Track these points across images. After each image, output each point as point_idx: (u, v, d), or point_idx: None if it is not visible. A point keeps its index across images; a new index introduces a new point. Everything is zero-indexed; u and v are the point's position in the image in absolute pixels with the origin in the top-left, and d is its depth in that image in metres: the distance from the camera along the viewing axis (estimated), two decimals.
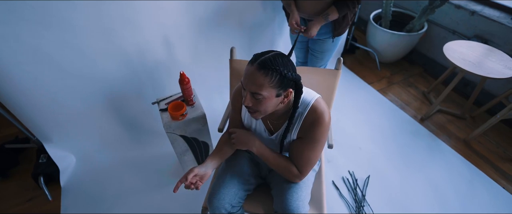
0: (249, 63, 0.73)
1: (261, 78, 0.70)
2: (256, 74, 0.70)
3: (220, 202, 0.93)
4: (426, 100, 2.11)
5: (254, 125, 0.95)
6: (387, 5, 2.16)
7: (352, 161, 1.67)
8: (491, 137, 1.82)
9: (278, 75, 0.70)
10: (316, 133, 0.82)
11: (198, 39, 1.50)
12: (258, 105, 0.76)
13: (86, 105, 1.44)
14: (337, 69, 1.18)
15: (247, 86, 0.73)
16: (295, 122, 0.86)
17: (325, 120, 0.82)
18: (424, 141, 1.80)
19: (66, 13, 1.11)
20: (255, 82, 0.71)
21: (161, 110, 1.24)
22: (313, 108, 0.83)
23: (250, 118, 0.94)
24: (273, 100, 0.75)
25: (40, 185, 1.45)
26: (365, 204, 1.46)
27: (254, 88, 0.72)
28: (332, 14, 1.21)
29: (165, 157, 1.64)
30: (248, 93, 0.75)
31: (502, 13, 1.86)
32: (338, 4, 1.20)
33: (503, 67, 1.60)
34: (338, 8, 1.20)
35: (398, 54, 2.34)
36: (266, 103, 0.75)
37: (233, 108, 0.97)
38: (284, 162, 0.90)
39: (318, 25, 1.24)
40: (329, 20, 1.23)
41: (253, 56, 0.74)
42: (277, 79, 0.70)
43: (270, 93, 0.72)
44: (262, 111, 0.77)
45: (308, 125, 0.83)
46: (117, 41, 1.30)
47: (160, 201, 1.46)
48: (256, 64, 0.70)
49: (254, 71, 0.70)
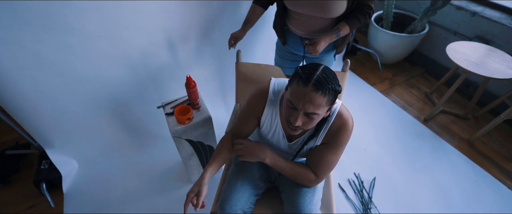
0: (302, 83, 0.68)
1: (320, 99, 0.67)
2: (314, 96, 0.67)
3: (233, 208, 0.92)
4: (428, 101, 2.12)
5: (273, 131, 0.91)
6: (389, 7, 2.17)
7: (357, 163, 1.66)
8: (495, 137, 1.83)
9: (334, 92, 0.69)
10: (341, 138, 0.82)
11: (202, 42, 1.49)
12: (308, 123, 0.73)
13: (88, 109, 1.42)
14: (344, 71, 1.18)
15: (303, 107, 0.69)
16: (322, 129, 0.84)
17: (349, 125, 0.82)
18: (428, 141, 1.80)
19: (69, 17, 1.10)
20: (314, 103, 0.68)
21: (167, 114, 1.23)
22: (339, 114, 0.83)
23: (271, 123, 0.90)
24: (322, 115, 0.73)
25: (42, 191, 1.43)
26: (372, 206, 1.46)
27: (312, 109, 0.69)
28: (344, 29, 1.07)
29: (169, 161, 1.62)
30: (300, 113, 0.71)
31: (503, 14, 1.88)
32: (348, 19, 1.06)
33: (505, 67, 1.61)
34: (349, 23, 1.06)
35: (399, 55, 2.35)
36: (317, 120, 0.73)
37: (250, 111, 0.91)
38: (299, 169, 0.88)
39: (327, 42, 1.07)
40: (340, 36, 1.09)
41: (302, 74, 0.68)
42: (332, 96, 0.69)
43: (323, 111, 0.71)
44: (310, 128, 0.75)
45: (334, 131, 0.83)
46: (120, 45, 1.28)
47: (165, 206, 1.44)
48: (313, 85, 0.67)
49: (311, 92, 0.67)
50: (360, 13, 1.06)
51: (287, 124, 0.77)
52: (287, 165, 0.87)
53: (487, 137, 1.83)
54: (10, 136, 1.76)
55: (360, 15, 1.06)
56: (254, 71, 1.24)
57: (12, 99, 1.21)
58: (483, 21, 1.89)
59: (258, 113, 0.90)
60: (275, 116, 0.88)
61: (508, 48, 1.81)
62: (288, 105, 0.74)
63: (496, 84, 1.94)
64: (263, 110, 0.89)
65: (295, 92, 0.70)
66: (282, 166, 0.87)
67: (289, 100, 0.72)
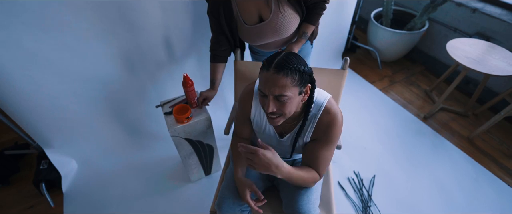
0: (265, 69, 0.72)
1: (283, 80, 0.70)
2: (276, 77, 0.70)
3: (231, 207, 0.92)
4: (428, 98, 2.11)
5: (263, 128, 0.93)
6: (388, 4, 2.15)
7: (357, 161, 1.66)
8: (495, 134, 1.83)
9: (297, 72, 0.71)
10: (332, 134, 0.83)
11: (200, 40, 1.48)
12: (282, 108, 0.74)
13: (87, 109, 1.42)
14: (344, 69, 1.17)
15: (270, 91, 0.72)
16: (309, 124, 0.85)
17: (339, 120, 0.82)
18: (428, 139, 1.80)
19: (66, 16, 1.09)
20: (278, 85, 0.70)
21: (165, 113, 1.22)
22: (327, 109, 0.83)
23: (261, 121, 0.92)
24: (296, 99, 0.75)
25: (42, 191, 1.42)
26: (371, 204, 1.46)
27: (278, 91, 0.71)
28: (308, 29, 1.09)
29: (168, 161, 1.62)
30: (271, 99, 0.73)
31: (504, 10, 1.87)
32: (309, 18, 1.08)
33: (506, 64, 1.60)
34: (311, 21, 1.08)
35: (399, 52, 2.34)
36: (290, 104, 0.74)
37: (242, 111, 0.95)
38: (307, 174, 0.83)
39: (299, 47, 1.11)
40: (308, 35, 1.11)
41: (265, 62, 0.74)
42: (297, 76, 0.71)
43: (293, 93, 0.73)
44: (287, 113, 0.76)
45: (324, 127, 0.83)
46: (118, 44, 1.28)
47: (164, 205, 1.44)
48: (274, 68, 0.70)
49: (273, 75, 0.70)
50: (317, 8, 1.07)
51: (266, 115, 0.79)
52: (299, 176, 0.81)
53: (487, 134, 1.82)
54: (8, 136, 1.76)
55: (317, 10, 1.07)
56: (252, 69, 1.24)
57: (10, 99, 1.21)
58: (483, 17, 1.88)
59: (248, 112, 0.92)
60: (263, 113, 0.90)
61: (508, 44, 1.80)
62: (260, 94, 0.76)
63: (497, 81, 1.94)
64: (251, 108, 0.91)
65: (261, 80, 0.74)
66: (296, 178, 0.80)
67: (259, 89, 0.76)
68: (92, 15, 1.13)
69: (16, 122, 1.32)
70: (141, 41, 1.33)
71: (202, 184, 1.53)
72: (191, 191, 1.50)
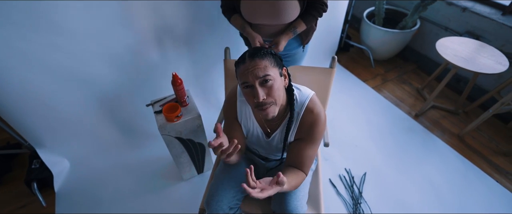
0: (241, 63, 0.76)
1: (262, 62, 0.73)
2: (255, 62, 0.73)
3: (219, 204, 0.93)
4: (420, 96, 2.13)
5: (251, 130, 0.93)
6: (380, 3, 2.17)
7: (348, 158, 1.68)
8: (484, 131, 1.85)
9: (270, 54, 0.76)
10: (316, 134, 0.84)
11: (191, 40, 1.49)
12: (271, 92, 0.74)
13: (78, 108, 1.42)
14: (332, 68, 1.19)
15: (254, 76, 0.72)
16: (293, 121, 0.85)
17: (322, 119, 0.83)
18: (419, 136, 1.82)
19: (55, 16, 1.09)
20: (259, 67, 0.73)
21: (155, 112, 1.23)
22: (309, 108, 0.84)
23: (247, 122, 0.91)
24: (279, 81, 0.77)
25: (34, 191, 1.43)
26: (362, 201, 1.47)
27: (261, 72, 0.72)
28: (300, 26, 1.12)
29: (161, 160, 1.62)
30: (257, 86, 0.73)
31: (493, 9, 1.89)
32: (304, 16, 1.11)
33: (494, 62, 1.63)
34: (305, 20, 1.11)
35: (391, 51, 2.36)
36: (277, 86, 0.75)
37: (230, 118, 0.93)
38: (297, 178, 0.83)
39: (286, 39, 1.13)
40: (297, 32, 1.14)
41: (239, 58, 0.78)
42: (272, 58, 0.76)
43: (275, 73, 0.75)
44: (276, 97, 0.76)
45: (307, 126, 0.84)
46: (108, 44, 1.28)
47: (156, 204, 1.45)
48: (248, 58, 0.74)
49: (250, 62, 0.73)
50: (313, 9, 1.11)
51: (257, 110, 0.77)
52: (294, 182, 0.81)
53: (477, 132, 1.85)
54: (1, 136, 1.76)
55: (313, 11, 1.11)
56: None
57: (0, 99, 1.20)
58: (473, 16, 1.90)
59: (235, 113, 0.92)
60: (249, 115, 0.90)
61: (497, 43, 1.83)
62: (244, 89, 0.77)
63: (486, 80, 1.96)
64: (237, 109, 0.91)
65: (241, 73, 0.76)
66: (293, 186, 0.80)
67: (242, 84, 0.76)
68: (81, 14, 1.14)
69: (7, 121, 1.32)
70: (133, 41, 1.33)
71: (194, 182, 1.54)
72: (183, 190, 1.51)
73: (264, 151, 1.01)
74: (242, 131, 0.93)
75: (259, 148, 1.00)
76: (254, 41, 1.12)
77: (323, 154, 1.69)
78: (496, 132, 1.85)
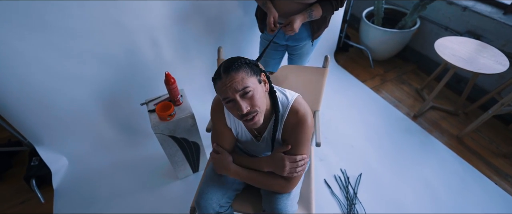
0: (217, 80, 0.74)
1: (237, 75, 0.72)
2: (231, 77, 0.71)
3: (208, 202, 0.93)
4: (419, 97, 2.11)
5: (241, 134, 0.93)
6: (379, 2, 2.15)
7: (344, 159, 1.67)
8: (484, 133, 1.82)
9: (244, 64, 0.74)
10: (300, 136, 0.82)
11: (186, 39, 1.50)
12: (253, 102, 0.74)
13: (76, 107, 1.45)
14: (325, 67, 1.18)
15: (233, 90, 0.71)
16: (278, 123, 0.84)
17: (307, 121, 0.82)
18: (416, 137, 1.80)
19: (50, 15, 1.11)
20: (236, 80, 0.71)
21: (149, 110, 1.24)
22: (294, 109, 0.83)
23: (236, 127, 0.91)
24: (259, 89, 0.75)
25: (32, 187, 1.46)
26: (356, 202, 1.47)
27: (239, 85, 0.71)
28: (316, 10, 1.14)
29: (157, 158, 1.64)
30: (238, 99, 0.72)
31: (494, 8, 1.86)
32: (322, 2, 1.14)
33: (494, 62, 1.60)
34: (322, 6, 1.14)
35: (391, 51, 2.34)
36: (258, 96, 0.74)
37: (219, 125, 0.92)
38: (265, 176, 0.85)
39: (301, 20, 1.13)
40: (313, 17, 1.16)
41: (215, 74, 0.76)
42: (247, 68, 0.74)
43: (253, 83, 0.74)
44: (259, 106, 0.75)
45: (291, 128, 0.83)
46: (104, 43, 1.30)
47: (152, 202, 1.46)
48: (223, 73, 0.72)
49: (227, 78, 0.72)
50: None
51: (243, 122, 0.78)
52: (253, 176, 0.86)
53: (476, 133, 1.82)
54: (2, 134, 1.80)
55: (333, 1, 1.13)
56: None
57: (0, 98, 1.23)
58: (474, 16, 1.88)
59: (223, 122, 0.91)
60: (237, 121, 0.90)
61: (498, 43, 1.80)
62: (227, 104, 0.75)
63: (487, 80, 1.93)
64: (224, 115, 0.90)
65: (219, 89, 0.75)
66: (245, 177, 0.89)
67: (224, 99, 0.75)
68: (76, 14, 1.16)
69: (7, 120, 1.36)
70: (127, 40, 1.35)
71: (189, 181, 1.55)
72: (178, 189, 1.52)
73: (255, 152, 1.01)
74: (232, 136, 0.93)
75: (251, 150, 1.01)
76: (269, 17, 1.15)
77: (318, 154, 1.69)
78: (497, 133, 1.82)
